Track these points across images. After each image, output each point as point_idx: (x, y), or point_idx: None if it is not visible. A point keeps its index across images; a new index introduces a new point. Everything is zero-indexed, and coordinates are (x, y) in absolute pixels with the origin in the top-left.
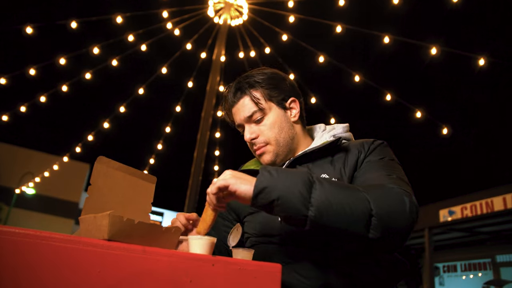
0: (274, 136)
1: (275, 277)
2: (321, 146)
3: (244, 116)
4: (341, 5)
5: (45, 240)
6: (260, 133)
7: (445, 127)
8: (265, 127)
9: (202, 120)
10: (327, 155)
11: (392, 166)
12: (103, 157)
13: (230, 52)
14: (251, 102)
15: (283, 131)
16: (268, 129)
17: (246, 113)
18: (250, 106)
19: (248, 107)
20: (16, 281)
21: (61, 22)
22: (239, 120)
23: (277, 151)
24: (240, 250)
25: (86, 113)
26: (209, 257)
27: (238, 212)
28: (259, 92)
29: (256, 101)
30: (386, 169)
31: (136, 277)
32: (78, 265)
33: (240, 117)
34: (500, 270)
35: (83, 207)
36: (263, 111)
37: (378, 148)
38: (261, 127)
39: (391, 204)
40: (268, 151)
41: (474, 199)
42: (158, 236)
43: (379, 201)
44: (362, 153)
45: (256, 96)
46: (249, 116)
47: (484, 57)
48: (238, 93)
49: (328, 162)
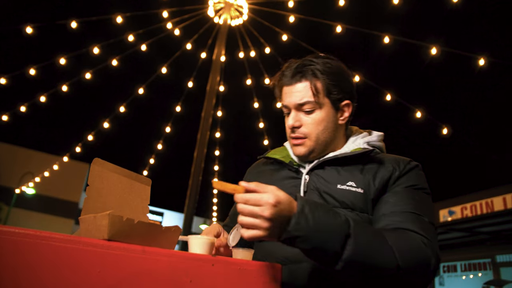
0: (316, 132)
1: (275, 277)
2: (353, 153)
3: (295, 102)
4: (341, 5)
5: (45, 240)
6: (305, 124)
7: (445, 127)
8: (312, 120)
9: (202, 120)
10: (358, 162)
11: (424, 201)
12: (99, 159)
13: (230, 52)
14: (308, 91)
15: (327, 131)
16: (313, 123)
17: (298, 100)
18: (306, 94)
19: (302, 95)
20: (16, 281)
21: (61, 22)
22: (288, 102)
23: (313, 147)
24: (240, 250)
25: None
26: (209, 257)
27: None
28: (319, 83)
29: (313, 92)
30: (418, 205)
31: (136, 277)
32: (78, 265)
33: (290, 100)
34: (500, 270)
35: (83, 208)
36: (316, 104)
37: (413, 171)
38: (308, 119)
39: (418, 262)
40: (305, 144)
41: (474, 199)
42: (158, 236)
43: (406, 256)
44: (396, 171)
45: (315, 88)
46: (300, 104)
47: (484, 57)
48: (298, 76)
49: (358, 170)
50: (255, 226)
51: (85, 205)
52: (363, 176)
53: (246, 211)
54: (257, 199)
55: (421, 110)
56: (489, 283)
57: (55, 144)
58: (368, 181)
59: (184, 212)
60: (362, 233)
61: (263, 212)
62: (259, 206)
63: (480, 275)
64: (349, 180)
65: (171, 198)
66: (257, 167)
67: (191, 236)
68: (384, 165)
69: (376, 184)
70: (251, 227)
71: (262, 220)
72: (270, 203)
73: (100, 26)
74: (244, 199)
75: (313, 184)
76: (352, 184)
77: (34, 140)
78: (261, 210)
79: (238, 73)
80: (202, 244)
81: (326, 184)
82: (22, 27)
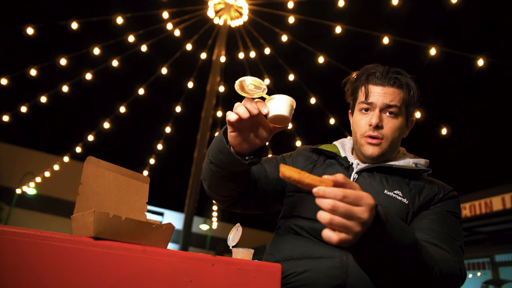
0: (393, 137)
1: (275, 277)
2: (415, 168)
3: (386, 102)
4: (341, 6)
5: (46, 240)
6: (385, 126)
7: (445, 127)
8: (392, 125)
9: (202, 120)
10: (406, 177)
11: (458, 228)
12: (92, 157)
13: (230, 53)
14: (400, 97)
15: (399, 138)
16: (392, 127)
17: (389, 101)
18: (396, 99)
19: (393, 98)
20: (16, 281)
21: (61, 23)
22: (376, 100)
23: (386, 150)
24: (240, 250)
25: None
26: (209, 257)
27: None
28: (407, 95)
29: (402, 100)
30: (453, 230)
31: (136, 277)
32: (78, 265)
33: (379, 99)
34: (499, 269)
35: (75, 207)
36: (399, 111)
37: (455, 199)
38: (389, 122)
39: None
40: (381, 146)
41: (473, 199)
42: (148, 233)
43: (447, 276)
44: (440, 193)
45: (404, 97)
46: (388, 105)
47: (483, 57)
48: (392, 81)
49: (405, 183)
50: (348, 228)
51: (77, 204)
52: (409, 190)
53: (342, 209)
54: (357, 197)
55: (421, 110)
56: (488, 282)
57: (56, 144)
58: (414, 195)
59: (184, 212)
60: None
61: (363, 214)
62: (358, 206)
63: (479, 275)
64: (396, 189)
65: (171, 198)
66: (306, 151)
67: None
68: (431, 185)
69: (420, 200)
70: (343, 230)
71: (357, 223)
72: (371, 204)
73: (101, 27)
74: (342, 194)
75: (360, 184)
76: (398, 193)
77: (34, 140)
78: (361, 211)
79: (238, 74)
80: (286, 104)
81: (373, 187)
82: (22, 28)
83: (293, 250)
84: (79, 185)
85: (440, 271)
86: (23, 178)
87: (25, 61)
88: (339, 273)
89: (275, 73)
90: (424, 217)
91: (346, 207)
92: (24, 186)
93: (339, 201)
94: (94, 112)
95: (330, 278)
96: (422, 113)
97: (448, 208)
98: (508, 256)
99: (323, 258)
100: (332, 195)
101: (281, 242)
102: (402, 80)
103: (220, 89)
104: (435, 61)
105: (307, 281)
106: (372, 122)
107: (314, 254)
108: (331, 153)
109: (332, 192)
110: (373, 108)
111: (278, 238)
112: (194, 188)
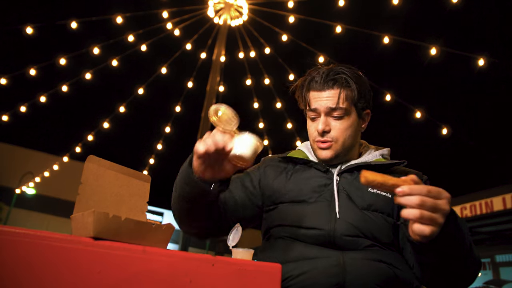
0: (344, 137)
1: (275, 277)
2: (388, 162)
3: (327, 106)
4: (341, 5)
5: (45, 240)
6: (333, 129)
7: (445, 127)
8: (340, 126)
9: (202, 120)
10: (384, 171)
11: None
12: (94, 156)
13: (230, 52)
14: (340, 98)
15: (352, 137)
16: (341, 129)
17: (330, 105)
18: (337, 100)
19: (334, 101)
20: (16, 281)
21: (61, 22)
22: (318, 106)
23: (339, 152)
24: (240, 250)
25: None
26: (209, 257)
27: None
28: (350, 92)
29: (344, 99)
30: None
31: (136, 278)
32: (78, 265)
33: (321, 105)
34: (500, 270)
35: (75, 206)
36: (345, 111)
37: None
38: (337, 124)
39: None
40: (332, 148)
41: (473, 199)
42: (148, 234)
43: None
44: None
45: (347, 95)
46: (332, 109)
47: (483, 57)
48: (330, 83)
49: None
50: (434, 220)
51: (77, 203)
52: None
53: (430, 203)
54: (439, 191)
55: (421, 110)
56: (488, 282)
57: (55, 144)
58: None
59: None
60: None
61: (445, 205)
62: (440, 199)
63: (479, 275)
64: None
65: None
66: (275, 161)
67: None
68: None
69: None
70: (429, 222)
71: (441, 214)
72: (449, 196)
73: (100, 26)
74: (426, 190)
75: (343, 185)
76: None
77: (34, 140)
78: (444, 203)
79: (238, 73)
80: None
81: (357, 186)
82: (22, 27)
83: (288, 253)
84: (79, 184)
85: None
86: (22, 178)
87: (25, 61)
88: (337, 272)
89: (275, 73)
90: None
91: (432, 201)
92: (23, 186)
93: (425, 196)
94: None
95: (329, 277)
96: (422, 113)
97: None
98: (508, 257)
99: (319, 258)
100: (418, 191)
101: (274, 247)
102: (341, 79)
103: (220, 89)
104: (436, 60)
105: (307, 282)
106: (319, 129)
107: (310, 255)
108: (302, 160)
109: (418, 189)
110: (319, 114)
111: (269, 244)
112: None
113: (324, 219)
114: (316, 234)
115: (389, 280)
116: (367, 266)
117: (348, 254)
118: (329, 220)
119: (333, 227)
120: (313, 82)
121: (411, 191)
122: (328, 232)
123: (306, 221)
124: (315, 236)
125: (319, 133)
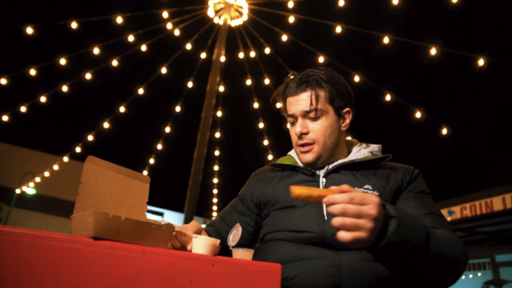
0: (323, 138)
1: (275, 277)
2: (369, 159)
3: (302, 109)
4: (341, 6)
5: (45, 240)
6: (311, 131)
7: (445, 127)
8: (318, 126)
9: (202, 120)
10: (371, 168)
11: (432, 202)
12: (93, 156)
13: (230, 53)
14: (313, 99)
15: (332, 136)
16: (319, 129)
17: (305, 107)
18: (311, 102)
19: (308, 103)
20: (16, 281)
21: (61, 22)
22: (294, 111)
23: (321, 153)
24: (240, 250)
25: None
26: (209, 257)
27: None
28: (323, 92)
29: (318, 100)
30: (432, 207)
31: (136, 277)
32: (78, 265)
33: (296, 109)
34: (500, 270)
35: (75, 206)
36: (321, 111)
37: (419, 178)
38: (314, 125)
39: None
40: (313, 150)
41: (473, 199)
42: (148, 234)
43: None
44: (407, 177)
45: (320, 95)
46: (306, 111)
47: (484, 57)
48: (303, 86)
49: (372, 175)
50: (359, 226)
51: (77, 203)
52: (378, 180)
53: (352, 210)
54: (363, 197)
55: (421, 110)
56: (488, 282)
57: (55, 144)
58: (383, 185)
59: (184, 212)
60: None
61: (371, 210)
62: (365, 204)
63: (479, 275)
64: (365, 184)
65: (171, 198)
66: (264, 173)
67: (195, 235)
68: (395, 171)
69: (390, 187)
70: (354, 229)
71: (368, 220)
72: (376, 201)
73: (100, 27)
74: (349, 197)
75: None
76: (368, 187)
77: (34, 140)
78: (369, 208)
79: (238, 74)
80: (206, 245)
81: None
82: (22, 27)
83: (284, 254)
84: (79, 185)
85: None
86: (22, 178)
87: (25, 61)
88: (333, 272)
89: (275, 73)
90: (403, 203)
91: (355, 207)
92: (23, 186)
93: (347, 203)
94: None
95: (325, 277)
96: (422, 113)
97: (418, 189)
98: (508, 257)
99: (315, 259)
100: (340, 200)
101: (270, 249)
102: (312, 81)
103: (220, 89)
104: (436, 60)
105: (303, 283)
106: (296, 132)
107: (306, 255)
108: (289, 166)
109: (340, 198)
110: (296, 118)
111: (266, 247)
112: (193, 188)
113: (313, 222)
114: (308, 236)
115: (384, 280)
116: (362, 266)
117: (344, 254)
118: (317, 223)
119: (323, 229)
120: (288, 88)
121: (334, 200)
122: (318, 235)
123: (296, 225)
124: (308, 239)
125: (298, 136)
